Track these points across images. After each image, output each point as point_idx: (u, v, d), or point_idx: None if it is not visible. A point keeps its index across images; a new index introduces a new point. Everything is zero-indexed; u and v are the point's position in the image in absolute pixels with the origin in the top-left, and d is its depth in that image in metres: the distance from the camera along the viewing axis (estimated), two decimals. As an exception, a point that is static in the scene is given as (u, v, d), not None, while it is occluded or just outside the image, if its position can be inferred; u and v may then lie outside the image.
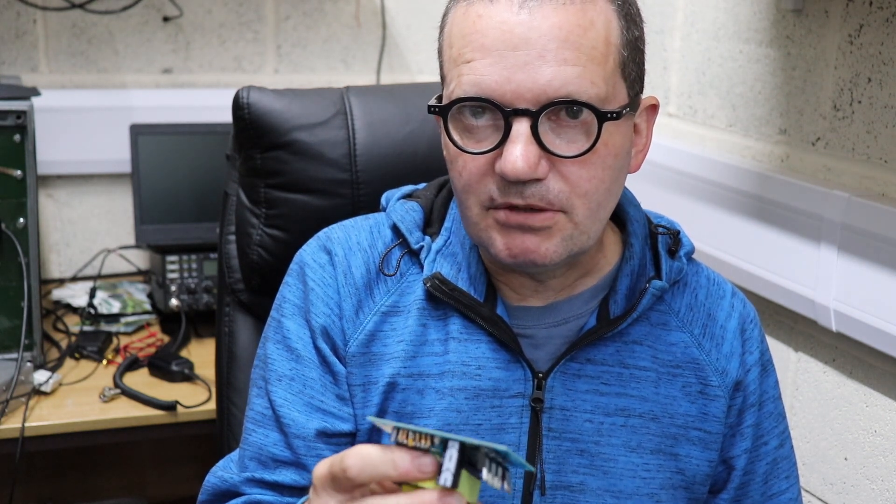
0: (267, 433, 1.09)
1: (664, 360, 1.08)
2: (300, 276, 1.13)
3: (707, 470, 1.10)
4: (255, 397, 1.12)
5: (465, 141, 0.97)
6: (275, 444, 1.08)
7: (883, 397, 1.42)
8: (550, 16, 0.93)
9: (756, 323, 1.15)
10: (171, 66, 2.35)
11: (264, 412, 1.10)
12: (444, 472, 0.72)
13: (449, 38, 0.99)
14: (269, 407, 1.09)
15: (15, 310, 1.81)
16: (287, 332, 1.11)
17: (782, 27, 1.57)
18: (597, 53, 0.94)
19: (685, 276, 1.13)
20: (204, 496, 1.09)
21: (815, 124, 1.52)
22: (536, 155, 0.93)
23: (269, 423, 1.09)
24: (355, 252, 1.12)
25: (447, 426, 1.04)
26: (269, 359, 1.11)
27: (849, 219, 1.39)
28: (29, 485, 2.32)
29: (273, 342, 1.12)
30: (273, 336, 1.12)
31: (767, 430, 1.14)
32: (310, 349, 1.09)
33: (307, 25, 2.43)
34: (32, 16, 2.23)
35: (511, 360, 1.05)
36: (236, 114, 1.40)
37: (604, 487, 1.05)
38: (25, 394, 1.75)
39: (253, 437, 1.10)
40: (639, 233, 1.09)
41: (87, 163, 2.28)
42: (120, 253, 2.34)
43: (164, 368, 1.89)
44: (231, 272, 1.47)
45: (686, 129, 1.81)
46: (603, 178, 0.97)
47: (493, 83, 0.93)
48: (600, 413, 1.06)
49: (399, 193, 1.17)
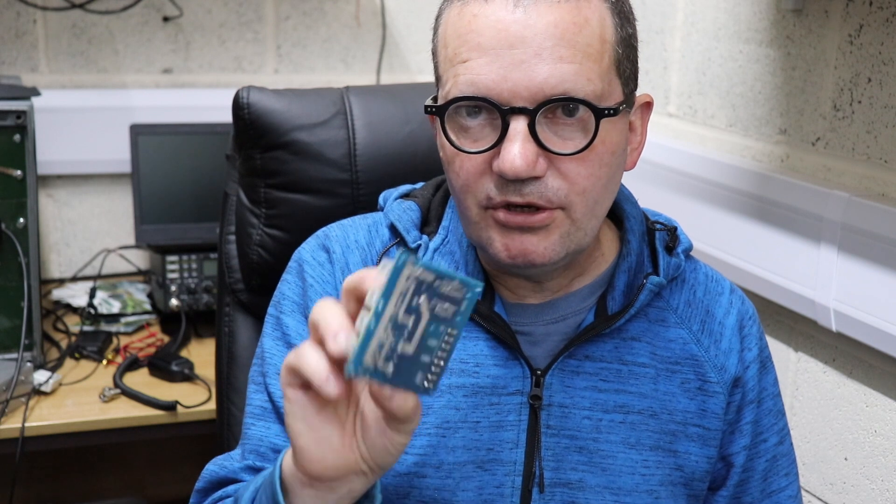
0: (268, 425, 1.09)
1: (663, 356, 1.08)
2: (299, 273, 1.13)
3: (706, 466, 1.10)
4: (254, 393, 1.12)
5: (461, 141, 0.97)
6: (277, 434, 1.08)
7: (883, 397, 1.42)
8: (545, 14, 0.93)
9: (755, 319, 1.15)
10: (171, 66, 2.35)
11: (264, 405, 1.10)
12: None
13: (444, 38, 0.99)
14: (269, 400, 1.09)
15: (15, 310, 1.81)
16: (286, 328, 1.11)
17: (782, 27, 1.57)
18: (592, 51, 0.95)
19: (683, 273, 1.13)
20: (202, 483, 1.09)
21: (815, 124, 1.52)
22: (534, 153, 0.93)
23: (269, 415, 1.09)
24: (353, 250, 1.12)
25: (445, 423, 1.04)
26: (267, 354, 1.11)
27: (849, 219, 1.39)
28: (29, 485, 2.32)
29: (272, 338, 1.12)
30: (272, 333, 1.12)
31: (766, 426, 1.14)
32: None
33: (307, 25, 2.43)
34: (32, 16, 2.23)
35: (509, 358, 1.05)
36: (236, 114, 1.40)
37: (603, 484, 1.05)
38: (25, 394, 1.75)
39: (252, 430, 1.10)
40: (636, 229, 1.09)
41: (87, 163, 2.28)
42: (120, 253, 2.34)
43: (164, 368, 1.89)
44: (231, 272, 1.47)
45: (686, 129, 1.81)
46: (600, 175, 0.97)
47: (490, 82, 0.93)
48: (599, 410, 1.06)
49: (396, 193, 1.17)
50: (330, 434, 0.83)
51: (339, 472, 0.84)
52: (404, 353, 0.77)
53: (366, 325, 0.75)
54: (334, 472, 0.84)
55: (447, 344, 0.79)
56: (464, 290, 0.79)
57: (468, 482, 1.04)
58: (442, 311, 0.78)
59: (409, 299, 0.77)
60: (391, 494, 1.04)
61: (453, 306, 0.78)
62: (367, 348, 0.76)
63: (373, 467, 0.85)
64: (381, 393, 0.78)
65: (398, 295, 0.76)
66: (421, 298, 0.77)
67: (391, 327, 0.76)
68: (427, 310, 0.77)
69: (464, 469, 1.04)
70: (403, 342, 0.77)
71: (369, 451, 0.84)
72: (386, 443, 0.83)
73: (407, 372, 0.78)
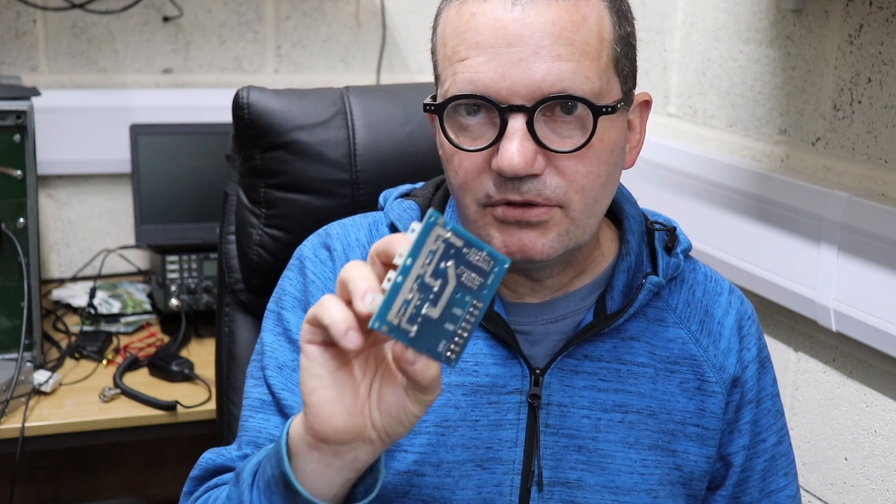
0: (267, 417, 1.08)
1: (662, 356, 1.08)
2: (300, 269, 1.13)
3: (705, 466, 1.10)
4: (252, 388, 1.11)
5: (460, 139, 0.97)
6: (276, 426, 1.07)
7: (883, 397, 1.42)
8: (543, 12, 0.93)
9: (754, 319, 1.15)
10: (171, 66, 2.35)
11: (263, 398, 1.09)
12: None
13: (442, 37, 0.99)
14: (269, 392, 1.09)
15: (15, 310, 1.81)
16: (287, 323, 1.10)
17: (782, 27, 1.57)
18: (590, 49, 0.95)
19: (682, 273, 1.13)
20: (198, 471, 1.08)
21: (815, 124, 1.52)
22: (532, 150, 0.94)
23: (268, 408, 1.08)
24: (354, 248, 1.12)
25: (445, 422, 1.04)
26: (267, 348, 1.11)
27: (849, 219, 1.39)
28: (29, 485, 2.32)
29: (273, 333, 1.11)
30: (273, 328, 1.12)
31: (765, 426, 1.14)
32: None
33: (307, 25, 2.43)
34: (32, 16, 2.23)
35: (508, 357, 1.05)
36: (236, 114, 1.40)
37: (602, 483, 1.05)
38: (25, 394, 1.75)
39: (251, 422, 1.09)
40: (635, 229, 1.09)
41: (87, 163, 2.28)
42: (120, 253, 2.34)
43: (164, 368, 1.89)
44: (231, 272, 1.47)
45: (686, 129, 1.81)
46: (599, 172, 0.97)
47: (489, 80, 0.93)
48: (598, 409, 1.06)
49: (396, 192, 1.17)
50: (344, 395, 0.83)
51: (348, 436, 0.84)
52: (429, 317, 0.77)
53: (393, 281, 0.76)
54: (343, 436, 0.83)
55: (472, 316, 0.79)
56: (491, 263, 0.79)
57: (467, 481, 1.04)
58: (468, 281, 0.79)
59: (436, 261, 0.77)
60: (390, 493, 1.04)
61: (480, 278, 0.79)
62: (392, 304, 0.76)
63: (382, 436, 0.84)
64: (405, 356, 0.78)
65: (426, 254, 0.76)
66: (449, 263, 0.77)
67: (417, 287, 0.76)
68: (454, 276, 0.78)
69: (463, 468, 1.04)
70: (429, 305, 0.77)
71: (382, 419, 0.84)
72: (401, 412, 0.83)
73: (430, 337, 0.78)
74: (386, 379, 0.84)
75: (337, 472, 0.86)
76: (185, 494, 1.08)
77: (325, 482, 0.86)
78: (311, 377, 0.83)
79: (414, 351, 0.78)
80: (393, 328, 0.76)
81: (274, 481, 0.87)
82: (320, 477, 0.86)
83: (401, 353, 0.78)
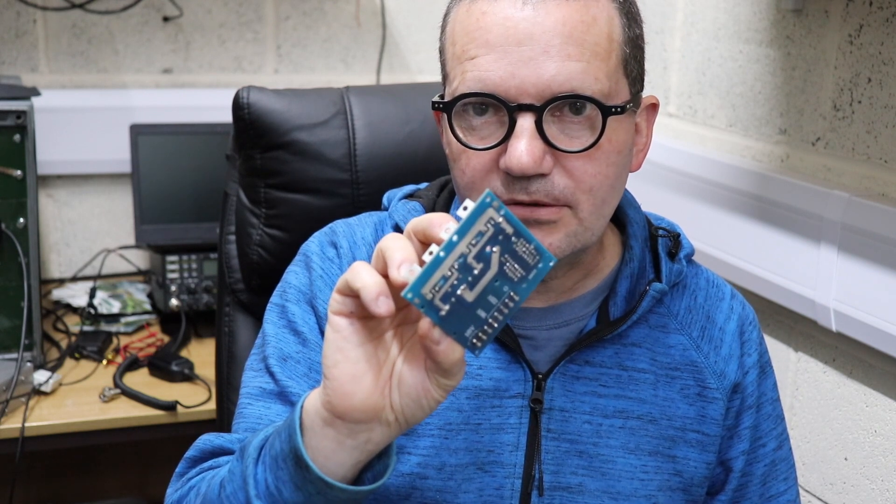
0: (268, 405, 1.06)
1: (663, 362, 1.08)
2: (306, 264, 1.12)
3: (704, 472, 1.10)
4: (251, 379, 1.09)
5: (468, 138, 0.97)
6: (278, 414, 1.05)
7: (883, 397, 1.42)
8: (554, 12, 0.93)
9: (755, 325, 1.15)
10: (171, 66, 2.35)
11: (264, 387, 1.07)
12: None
13: (452, 35, 0.99)
14: (271, 381, 1.07)
15: (15, 310, 1.81)
16: (292, 315, 1.09)
17: (782, 27, 1.57)
18: (600, 49, 0.95)
19: (684, 279, 1.12)
20: (193, 451, 1.06)
21: (815, 124, 1.52)
22: (541, 150, 0.93)
23: (269, 396, 1.07)
24: (360, 247, 1.11)
25: (448, 425, 1.04)
26: (270, 338, 1.09)
27: (849, 219, 1.39)
28: (29, 485, 2.32)
29: (276, 326, 1.10)
30: (276, 321, 1.10)
31: (765, 431, 1.14)
32: (316, 333, 1.08)
33: (307, 25, 2.43)
34: (32, 16, 2.23)
35: (511, 361, 1.05)
36: (236, 114, 1.40)
37: (602, 489, 1.05)
38: (25, 394, 1.75)
39: (250, 409, 1.07)
40: (639, 235, 1.09)
41: (87, 163, 2.28)
42: (120, 253, 2.34)
43: (164, 368, 1.89)
44: (231, 272, 1.47)
45: (686, 129, 1.81)
46: (607, 173, 0.97)
47: (498, 79, 0.93)
48: (599, 414, 1.06)
49: (401, 193, 1.17)
50: (365, 371, 0.82)
51: (365, 415, 0.82)
52: (463, 298, 0.76)
53: (435, 254, 0.75)
54: (360, 414, 0.82)
55: (506, 307, 0.78)
56: (536, 258, 0.78)
57: (469, 484, 1.04)
58: (510, 271, 0.77)
59: (483, 244, 0.76)
60: (393, 495, 1.04)
61: (522, 270, 0.78)
62: (430, 277, 0.75)
63: (399, 418, 0.83)
64: (431, 334, 0.77)
65: (474, 234, 0.75)
66: (495, 248, 0.76)
67: (458, 266, 0.75)
68: (497, 262, 0.77)
69: (465, 471, 1.04)
70: (465, 287, 0.76)
71: (401, 401, 0.82)
72: (421, 395, 0.82)
73: (460, 320, 0.77)
74: (410, 360, 0.82)
75: (349, 453, 0.84)
76: (177, 475, 1.05)
77: (336, 461, 0.84)
78: (335, 350, 0.81)
79: (441, 331, 0.77)
80: (425, 302, 0.75)
81: (283, 456, 0.86)
82: (332, 455, 0.84)
83: (428, 330, 0.77)
